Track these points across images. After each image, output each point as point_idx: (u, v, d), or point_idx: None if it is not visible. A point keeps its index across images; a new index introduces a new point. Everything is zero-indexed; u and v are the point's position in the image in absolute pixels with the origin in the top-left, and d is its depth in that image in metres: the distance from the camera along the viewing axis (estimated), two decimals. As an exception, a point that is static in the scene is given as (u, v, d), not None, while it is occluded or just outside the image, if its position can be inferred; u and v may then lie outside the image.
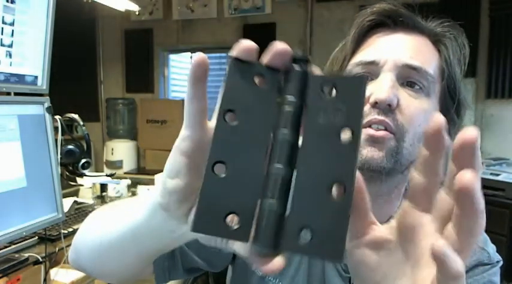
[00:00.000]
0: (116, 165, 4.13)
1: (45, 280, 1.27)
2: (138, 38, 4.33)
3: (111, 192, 2.07)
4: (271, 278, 0.60)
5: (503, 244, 2.68)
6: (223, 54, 4.23)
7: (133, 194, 2.15)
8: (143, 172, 4.05)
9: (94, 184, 2.09)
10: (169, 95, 4.48)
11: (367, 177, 0.42)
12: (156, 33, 4.30)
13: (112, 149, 4.18)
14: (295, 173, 0.24)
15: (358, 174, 0.25)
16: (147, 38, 4.30)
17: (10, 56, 1.11)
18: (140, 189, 2.19)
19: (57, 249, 1.32)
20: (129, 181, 2.16)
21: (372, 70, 0.53)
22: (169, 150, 0.33)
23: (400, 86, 0.52)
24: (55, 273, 1.41)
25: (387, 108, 0.50)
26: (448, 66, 0.55)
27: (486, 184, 2.83)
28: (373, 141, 0.50)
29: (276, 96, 0.24)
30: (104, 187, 2.10)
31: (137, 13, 3.98)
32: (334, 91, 0.24)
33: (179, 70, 4.57)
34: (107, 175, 2.13)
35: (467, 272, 0.52)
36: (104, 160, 4.24)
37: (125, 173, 4.06)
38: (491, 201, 2.77)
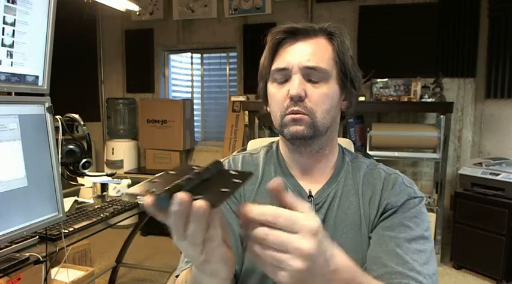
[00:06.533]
0: (117, 164, 4.14)
1: (45, 279, 1.28)
2: (139, 38, 4.33)
3: (111, 191, 2.08)
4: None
5: (503, 244, 2.66)
6: (223, 54, 4.24)
7: (134, 194, 2.15)
8: (143, 171, 4.04)
9: (94, 183, 2.09)
10: (169, 95, 4.48)
11: (297, 143, 0.78)
12: (157, 33, 4.30)
13: (112, 149, 4.18)
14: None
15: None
16: (148, 38, 4.30)
17: (11, 56, 1.11)
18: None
19: (57, 249, 1.32)
20: (129, 181, 2.16)
21: (285, 74, 0.75)
22: (169, 150, 0.33)
23: (306, 82, 0.74)
24: (55, 272, 1.42)
25: (299, 99, 0.73)
26: (339, 54, 0.76)
27: (486, 184, 2.83)
28: (294, 120, 0.74)
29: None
30: (104, 186, 2.10)
31: (138, 13, 3.99)
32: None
33: (179, 70, 4.56)
34: (107, 175, 2.13)
35: (401, 205, 0.75)
36: (105, 160, 4.25)
37: (125, 173, 4.06)
38: (491, 200, 2.77)
